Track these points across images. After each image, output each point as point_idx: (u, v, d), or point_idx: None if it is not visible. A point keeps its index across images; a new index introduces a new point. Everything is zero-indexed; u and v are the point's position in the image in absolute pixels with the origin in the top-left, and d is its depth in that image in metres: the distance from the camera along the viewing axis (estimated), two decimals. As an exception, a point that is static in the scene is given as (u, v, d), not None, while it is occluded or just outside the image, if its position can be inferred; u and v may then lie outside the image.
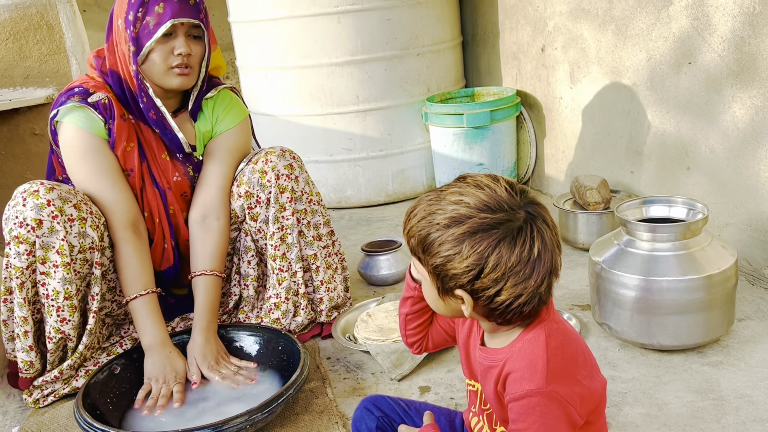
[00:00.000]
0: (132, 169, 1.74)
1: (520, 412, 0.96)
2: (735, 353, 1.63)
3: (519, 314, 0.98)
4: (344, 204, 3.05)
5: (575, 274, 2.14)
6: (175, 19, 1.61)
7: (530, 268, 0.95)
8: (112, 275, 1.76)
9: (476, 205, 0.95)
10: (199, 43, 1.70)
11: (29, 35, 2.80)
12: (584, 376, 1.00)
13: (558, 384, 0.96)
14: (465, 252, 0.94)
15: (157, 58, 1.65)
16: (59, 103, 1.68)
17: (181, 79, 1.68)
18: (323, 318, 1.92)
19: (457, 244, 0.94)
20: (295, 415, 1.55)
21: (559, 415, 0.96)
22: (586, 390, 1.00)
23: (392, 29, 2.83)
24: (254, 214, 1.84)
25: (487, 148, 2.80)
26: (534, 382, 0.95)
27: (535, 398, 0.95)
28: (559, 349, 0.99)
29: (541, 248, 0.96)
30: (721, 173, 2.00)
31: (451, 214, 0.95)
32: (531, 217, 0.96)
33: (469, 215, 0.95)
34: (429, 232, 0.97)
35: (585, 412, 1.00)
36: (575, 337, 1.04)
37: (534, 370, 0.96)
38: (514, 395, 0.97)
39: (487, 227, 0.94)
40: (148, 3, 1.61)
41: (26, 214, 1.56)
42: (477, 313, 1.00)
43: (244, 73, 3.13)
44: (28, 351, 1.64)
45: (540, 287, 0.97)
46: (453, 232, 0.94)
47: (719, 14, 1.89)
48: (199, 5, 1.66)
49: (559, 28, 2.60)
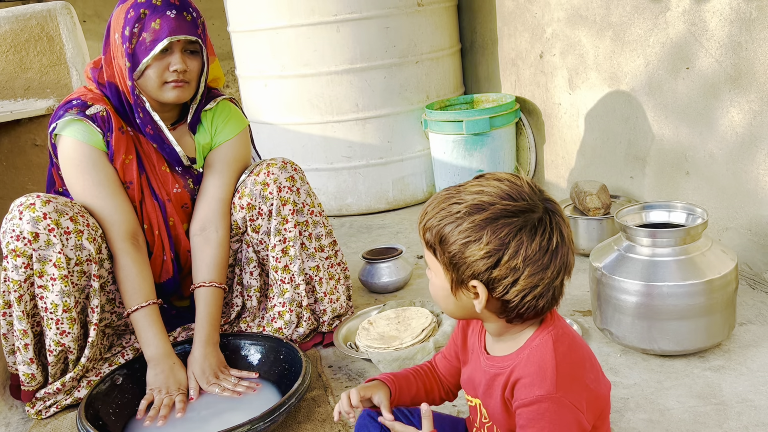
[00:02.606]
0: (131, 182, 1.75)
1: (529, 417, 0.97)
2: (736, 358, 1.63)
3: (533, 309, 0.98)
4: (345, 212, 3.05)
5: (576, 280, 2.14)
6: (172, 36, 1.61)
7: (548, 259, 0.96)
8: (111, 287, 1.76)
9: (498, 194, 0.97)
10: (196, 58, 1.70)
11: (30, 47, 2.81)
12: (592, 381, 1.01)
13: (567, 389, 0.96)
14: (486, 238, 0.94)
15: (153, 74, 1.65)
16: (57, 116, 1.68)
17: (176, 93, 1.68)
18: (325, 328, 1.93)
19: (478, 230, 0.95)
20: (297, 424, 1.55)
21: (568, 421, 0.96)
22: (593, 395, 1.00)
23: (391, 37, 2.84)
24: (256, 226, 1.85)
25: (487, 155, 2.80)
26: (544, 388, 0.96)
27: (545, 404, 0.95)
28: (567, 354, 0.99)
29: (560, 241, 0.97)
30: (721, 178, 2.00)
31: (472, 203, 0.97)
32: (550, 211, 0.98)
33: (491, 202, 0.96)
34: (448, 222, 0.97)
35: (593, 417, 1.00)
36: (581, 343, 1.05)
37: (544, 375, 0.96)
38: (523, 401, 0.97)
39: (509, 214, 0.95)
40: (144, 19, 1.61)
41: (23, 228, 1.56)
42: (489, 309, 1.00)
43: (243, 83, 3.14)
44: (29, 364, 1.64)
45: (555, 280, 0.98)
46: (474, 219, 0.95)
47: (716, 19, 1.90)
48: (195, 20, 1.67)
49: (557, 34, 2.61)
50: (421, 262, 2.44)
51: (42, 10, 2.80)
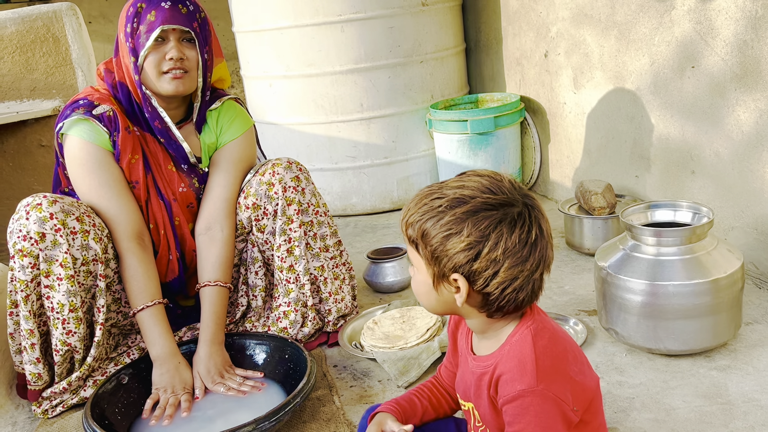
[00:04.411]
0: (137, 181, 1.75)
1: (514, 413, 0.97)
2: (743, 357, 1.62)
3: (513, 302, 0.99)
4: (349, 211, 3.05)
5: (581, 279, 2.14)
6: (165, 25, 1.63)
7: (527, 251, 0.97)
8: (116, 287, 1.76)
9: (479, 188, 0.99)
10: (194, 48, 1.70)
11: (35, 48, 2.82)
12: (576, 373, 1.01)
13: (549, 382, 0.97)
14: (466, 230, 0.96)
15: (151, 64, 1.66)
16: (64, 116, 1.69)
17: (175, 84, 1.69)
18: (330, 327, 1.93)
19: (459, 223, 0.96)
20: (302, 423, 1.55)
21: (553, 413, 0.97)
22: (579, 386, 1.01)
23: (395, 37, 2.84)
24: (261, 226, 1.85)
25: (492, 154, 2.80)
26: (525, 382, 0.96)
27: (528, 398, 0.96)
28: (548, 347, 1.00)
29: (539, 234, 0.99)
30: (726, 177, 1.99)
31: (453, 197, 0.98)
32: (529, 205, 1.00)
33: (472, 196, 0.98)
34: (429, 216, 0.99)
35: (579, 410, 1.00)
36: (563, 335, 1.05)
37: (524, 369, 0.97)
38: (506, 397, 0.98)
39: (489, 207, 0.97)
40: (141, 13, 1.64)
41: (29, 228, 1.57)
42: (470, 303, 1.01)
43: (248, 83, 3.14)
44: (35, 363, 1.65)
45: (534, 273, 0.99)
46: (455, 212, 0.97)
47: (722, 18, 1.89)
48: (192, 14, 1.67)
49: (561, 33, 2.60)
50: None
51: (48, 11, 2.81)
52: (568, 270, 2.22)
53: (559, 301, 2.01)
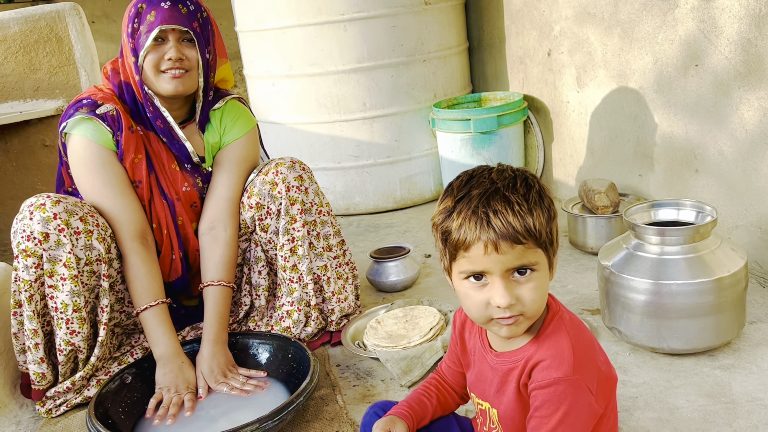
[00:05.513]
0: (140, 181, 1.75)
1: (545, 399, 0.99)
2: (746, 356, 1.62)
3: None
4: (352, 211, 3.05)
5: (584, 279, 2.13)
6: (164, 25, 1.63)
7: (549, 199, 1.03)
8: (120, 287, 1.76)
9: (495, 172, 1.03)
10: (194, 48, 1.70)
11: (39, 48, 2.82)
12: (602, 362, 1.04)
13: (583, 372, 0.99)
14: (546, 202, 1.01)
15: (150, 64, 1.67)
16: (67, 116, 1.69)
17: (174, 83, 1.69)
18: (333, 327, 1.93)
19: (530, 201, 0.99)
20: (305, 423, 1.55)
21: (582, 404, 0.99)
22: (604, 376, 1.03)
23: (398, 36, 2.83)
24: (264, 225, 1.85)
25: (495, 153, 2.79)
26: (562, 370, 0.98)
27: (562, 386, 0.98)
28: (579, 337, 1.03)
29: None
30: (730, 175, 1.99)
31: (497, 186, 1.01)
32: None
33: (532, 180, 1.03)
34: (521, 213, 1.00)
35: (603, 401, 1.02)
36: (585, 326, 1.08)
37: (562, 358, 0.99)
38: (540, 383, 0.99)
39: (512, 177, 1.02)
40: (142, 13, 1.64)
41: (33, 228, 1.57)
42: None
43: (251, 82, 3.15)
44: (39, 363, 1.65)
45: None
46: (516, 196, 0.99)
47: (725, 16, 1.88)
48: (193, 14, 1.67)
49: (565, 32, 2.60)
50: (429, 261, 2.44)
51: (51, 11, 2.82)
52: (571, 269, 2.22)
53: (563, 300, 2.00)
